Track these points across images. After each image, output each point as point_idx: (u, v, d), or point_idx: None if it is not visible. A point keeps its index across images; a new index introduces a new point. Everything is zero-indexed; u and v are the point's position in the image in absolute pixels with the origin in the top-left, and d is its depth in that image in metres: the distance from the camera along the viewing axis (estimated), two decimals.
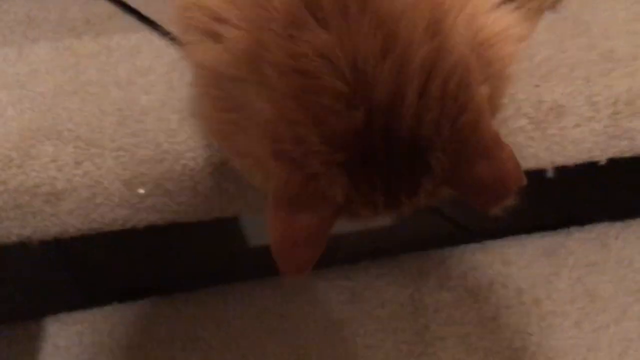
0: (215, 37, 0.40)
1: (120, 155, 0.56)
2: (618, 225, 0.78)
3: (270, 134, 0.39)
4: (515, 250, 0.77)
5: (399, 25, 0.37)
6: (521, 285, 0.74)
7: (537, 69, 0.59)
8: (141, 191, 0.56)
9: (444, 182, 0.40)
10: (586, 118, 0.58)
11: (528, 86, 0.58)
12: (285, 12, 0.37)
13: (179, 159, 0.56)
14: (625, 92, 0.58)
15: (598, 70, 0.59)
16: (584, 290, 0.73)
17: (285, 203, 0.40)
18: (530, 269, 0.75)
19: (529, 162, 0.61)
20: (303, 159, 0.38)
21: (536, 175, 0.63)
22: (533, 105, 0.58)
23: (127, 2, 0.70)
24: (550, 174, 0.64)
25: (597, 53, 0.60)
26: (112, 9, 0.72)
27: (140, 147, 0.56)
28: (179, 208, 0.58)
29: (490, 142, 0.40)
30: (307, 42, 0.36)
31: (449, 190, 0.42)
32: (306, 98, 0.37)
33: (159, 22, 0.66)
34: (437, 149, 0.38)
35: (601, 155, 0.62)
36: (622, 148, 0.61)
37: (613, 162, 0.64)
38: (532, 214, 0.79)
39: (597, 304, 0.72)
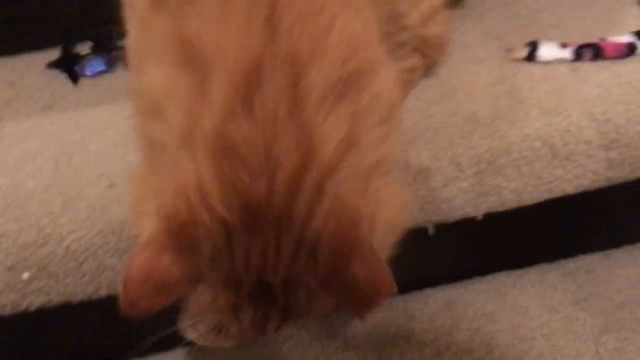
0: (159, 115, 0.46)
1: (3, 241, 0.57)
2: (515, 273, 0.82)
3: (181, 182, 0.43)
4: (418, 305, 0.79)
5: (315, 139, 0.43)
6: (423, 339, 0.76)
7: (405, 134, 0.63)
8: (25, 276, 0.58)
9: (321, 282, 0.44)
10: (452, 178, 0.62)
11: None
12: (222, 106, 0.43)
13: (62, 241, 0.58)
14: (487, 152, 0.62)
15: (461, 133, 0.63)
16: (482, 341, 0.75)
17: (158, 240, 0.42)
18: (432, 323, 0.77)
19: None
20: (198, 206, 0.42)
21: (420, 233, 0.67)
22: (402, 169, 0.61)
23: None
24: (431, 231, 0.67)
25: (460, 116, 0.64)
26: (8, 95, 0.74)
27: (23, 232, 0.57)
28: (66, 289, 0.60)
29: (366, 249, 0.44)
30: (237, 130, 0.42)
31: (324, 295, 0.46)
32: (225, 164, 0.42)
33: None
34: (319, 243, 0.43)
35: (475, 211, 0.66)
36: (492, 203, 0.65)
37: (492, 216, 0.68)
38: (432, 268, 0.82)
39: (494, 353, 0.74)
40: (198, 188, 0.42)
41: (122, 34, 0.71)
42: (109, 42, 0.76)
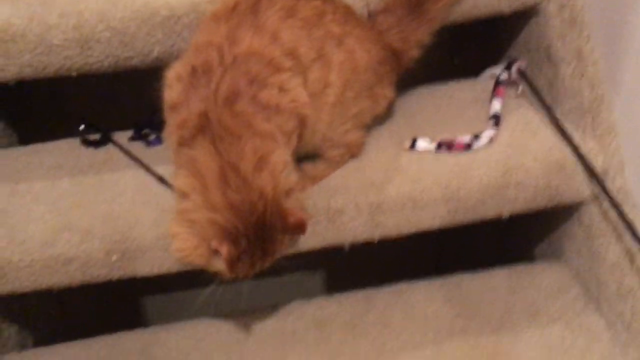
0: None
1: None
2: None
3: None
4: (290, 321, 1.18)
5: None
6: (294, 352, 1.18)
7: (332, 188, 1.09)
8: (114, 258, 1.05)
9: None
10: (355, 216, 1.08)
11: None
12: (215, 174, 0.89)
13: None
14: (375, 202, 1.08)
15: (362, 190, 1.09)
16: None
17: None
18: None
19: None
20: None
21: None
22: (325, 210, 1.08)
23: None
24: (346, 247, 1.12)
25: (363, 181, 1.11)
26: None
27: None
28: None
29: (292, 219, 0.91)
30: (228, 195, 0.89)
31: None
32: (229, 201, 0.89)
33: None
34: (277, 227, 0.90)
35: (372, 236, 1.11)
36: (381, 232, 1.10)
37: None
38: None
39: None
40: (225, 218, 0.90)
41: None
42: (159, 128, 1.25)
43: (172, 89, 0.95)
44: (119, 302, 1.66)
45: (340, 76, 0.99)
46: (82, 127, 1.24)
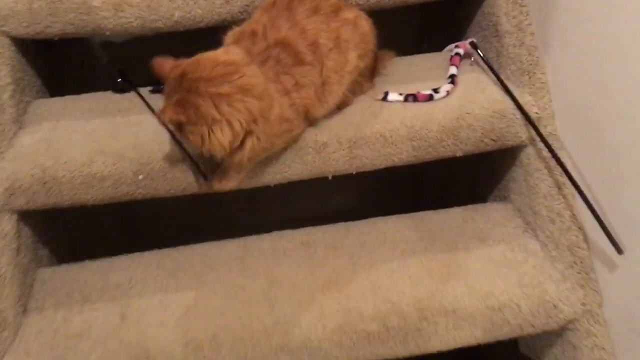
0: None
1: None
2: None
3: None
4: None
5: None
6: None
7: (321, 125, 1.34)
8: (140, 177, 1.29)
9: None
10: (337, 148, 1.33)
11: None
12: None
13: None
14: (354, 137, 1.34)
15: (343, 127, 1.34)
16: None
17: None
18: None
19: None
20: None
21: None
22: (313, 143, 1.33)
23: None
24: (330, 177, 1.37)
25: (345, 122, 1.36)
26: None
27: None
28: None
29: None
30: None
31: None
32: None
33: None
34: None
35: (350, 169, 1.36)
36: (357, 165, 1.35)
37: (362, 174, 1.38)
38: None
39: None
40: None
41: None
42: None
43: (229, 38, 1.28)
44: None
45: (357, 52, 1.31)
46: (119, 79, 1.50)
